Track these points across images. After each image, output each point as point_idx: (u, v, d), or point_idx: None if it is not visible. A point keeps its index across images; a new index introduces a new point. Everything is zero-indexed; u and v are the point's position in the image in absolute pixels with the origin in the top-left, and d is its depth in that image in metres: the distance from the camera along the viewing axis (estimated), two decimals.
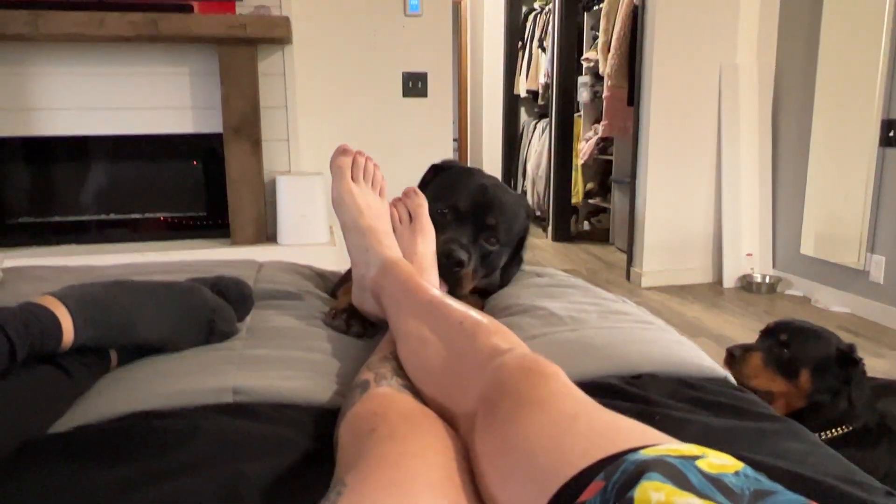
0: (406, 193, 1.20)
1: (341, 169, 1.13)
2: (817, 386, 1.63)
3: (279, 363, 0.93)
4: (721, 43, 3.67)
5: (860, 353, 1.65)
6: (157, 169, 3.20)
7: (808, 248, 3.49)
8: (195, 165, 3.21)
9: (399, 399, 0.74)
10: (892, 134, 2.96)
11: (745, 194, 3.72)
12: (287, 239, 3.04)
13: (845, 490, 0.64)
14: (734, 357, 1.70)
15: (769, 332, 1.73)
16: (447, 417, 0.71)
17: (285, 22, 2.90)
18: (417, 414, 0.70)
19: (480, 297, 1.29)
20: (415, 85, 3.40)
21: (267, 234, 3.13)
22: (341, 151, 1.15)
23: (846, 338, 2.83)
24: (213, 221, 3.20)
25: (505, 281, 1.34)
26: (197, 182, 3.22)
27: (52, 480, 0.64)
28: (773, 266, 3.76)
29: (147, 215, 3.20)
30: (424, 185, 1.29)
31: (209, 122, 3.08)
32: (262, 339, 1.01)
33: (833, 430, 1.63)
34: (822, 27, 3.29)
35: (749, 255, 3.75)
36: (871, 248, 3.11)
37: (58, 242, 3.07)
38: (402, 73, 3.41)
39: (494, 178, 1.29)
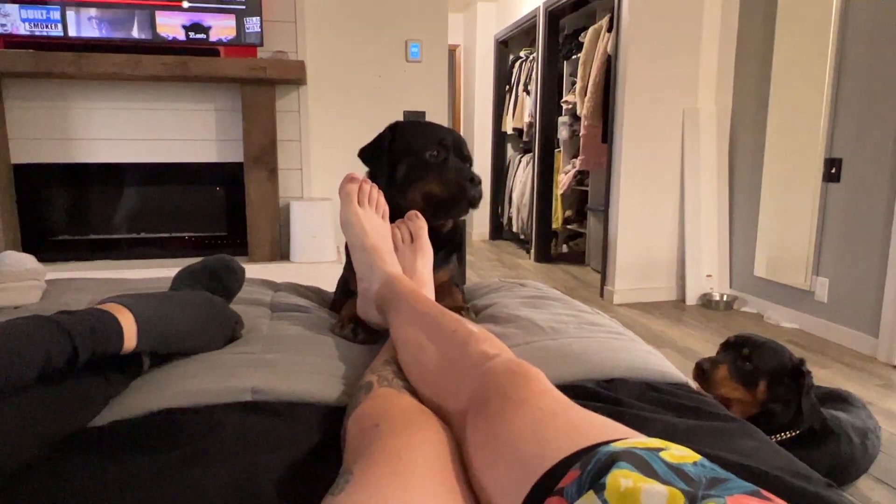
0: (409, 217, 1.21)
1: (349, 195, 1.14)
2: (772, 395, 1.64)
3: (293, 366, 0.93)
4: (684, 89, 3.73)
5: (808, 366, 1.67)
6: (184, 193, 3.21)
7: (760, 270, 3.52)
8: (218, 191, 3.22)
9: (399, 398, 0.75)
10: (833, 171, 3.00)
11: (705, 222, 3.75)
12: (299, 257, 3.05)
13: (791, 482, 0.65)
14: (703, 370, 1.71)
15: (731, 346, 1.74)
16: (442, 415, 0.72)
17: (301, 66, 2.94)
18: (416, 412, 0.70)
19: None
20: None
21: (281, 252, 3.13)
22: (349, 179, 1.16)
23: (794, 351, 2.84)
24: (233, 240, 3.20)
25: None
26: (219, 205, 3.23)
27: (92, 468, 0.65)
28: (730, 286, 3.78)
29: (174, 234, 3.20)
30: (387, 143, 1.27)
31: (231, 153, 3.10)
32: (278, 345, 1.02)
33: (783, 434, 1.64)
34: (772, 76, 3.34)
35: (709, 276, 3.77)
36: (816, 271, 3.13)
37: (93, 258, 3.07)
38: (404, 112, 3.44)
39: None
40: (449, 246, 1.29)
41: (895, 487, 1.69)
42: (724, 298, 3.64)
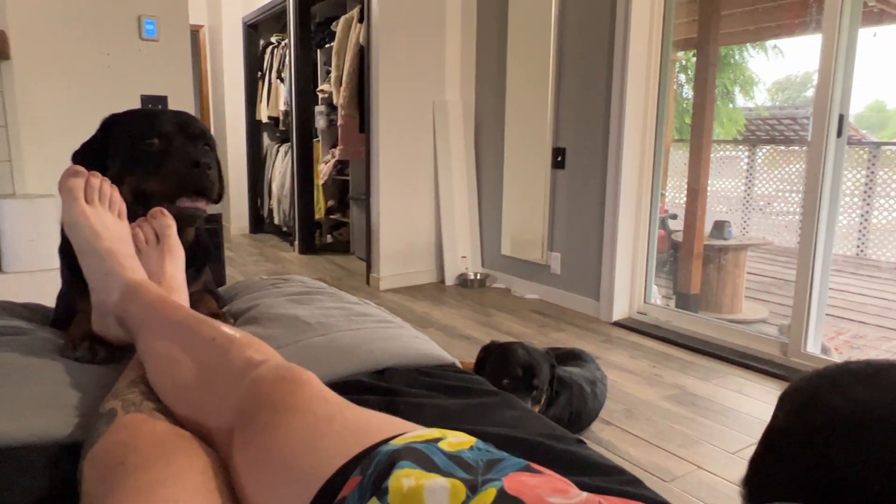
0: (153, 214, 1.05)
1: (72, 191, 0.96)
2: (547, 395, 1.82)
3: (8, 401, 0.76)
4: (433, 82, 3.92)
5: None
6: None
7: (506, 249, 3.89)
8: None
9: (150, 425, 0.65)
10: (559, 158, 3.42)
11: (458, 207, 4.02)
12: (13, 266, 2.54)
13: (549, 444, 0.71)
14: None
15: (520, 378, 1.77)
16: (204, 436, 0.64)
17: (1, 36, 2.43)
18: (171, 437, 0.61)
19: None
20: (154, 107, 3.07)
21: None
22: (72, 173, 0.97)
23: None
24: None
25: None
26: None
27: None
28: (482, 265, 4.11)
29: None
30: (101, 144, 1.10)
31: None
32: None
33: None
34: (507, 72, 3.69)
35: (464, 257, 4.05)
36: (551, 247, 3.56)
37: None
38: (141, 96, 3.06)
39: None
40: (196, 262, 1.15)
41: (618, 426, 1.99)
42: (478, 277, 3.94)
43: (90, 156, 1.08)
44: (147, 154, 1.05)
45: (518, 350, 1.81)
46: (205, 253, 1.19)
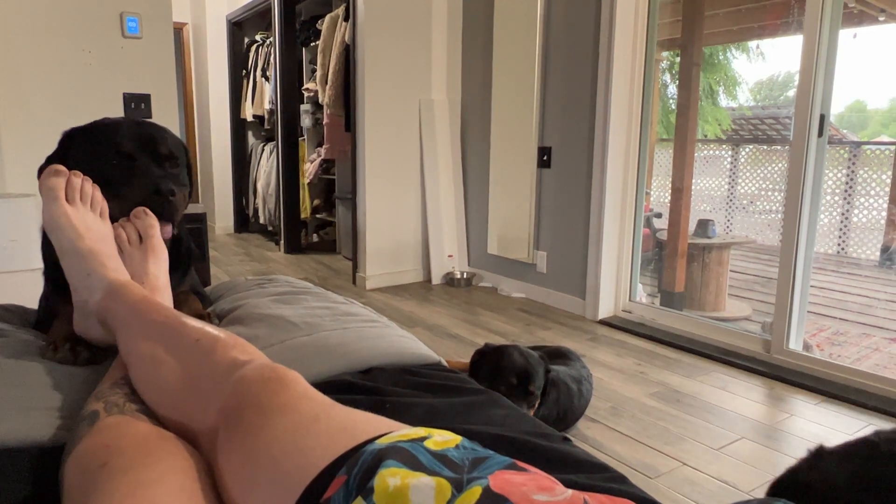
0: (135, 214, 1.04)
1: (53, 190, 0.95)
2: (541, 399, 1.81)
3: None
4: (419, 81, 3.92)
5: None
6: None
7: (493, 248, 3.89)
8: None
9: (133, 427, 0.64)
10: (545, 158, 3.43)
11: (444, 206, 4.02)
12: None
13: (535, 442, 0.71)
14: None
15: (516, 387, 1.74)
16: (188, 437, 0.63)
17: None
18: (154, 439, 0.61)
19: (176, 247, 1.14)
20: (137, 106, 3.04)
21: None
22: (52, 172, 0.96)
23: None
24: None
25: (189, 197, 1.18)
26: None
27: None
28: (469, 264, 4.12)
29: None
30: (62, 154, 1.06)
31: None
32: None
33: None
34: (493, 71, 3.69)
35: (450, 256, 4.05)
36: (537, 246, 3.57)
37: None
38: (124, 94, 3.03)
39: (131, 117, 1.14)
40: (180, 266, 1.14)
41: (603, 423, 2.00)
42: (465, 276, 3.94)
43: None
44: (107, 174, 1.01)
45: (514, 355, 1.78)
46: (188, 255, 1.18)
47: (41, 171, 1.05)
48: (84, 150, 1.04)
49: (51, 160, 1.06)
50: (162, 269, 1.02)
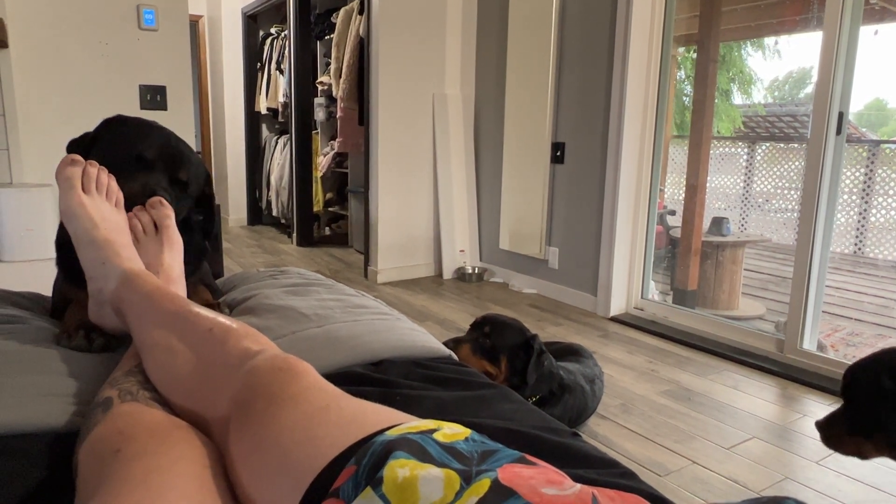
0: (151, 204, 1.05)
1: (70, 180, 0.96)
2: (512, 368, 1.79)
3: (5, 391, 0.76)
4: (433, 75, 3.91)
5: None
6: None
7: (504, 243, 3.88)
8: None
9: (146, 414, 0.65)
10: (558, 153, 3.42)
11: (457, 201, 4.01)
12: (11, 255, 2.54)
13: (545, 437, 0.71)
14: (450, 348, 1.81)
15: (476, 325, 1.87)
16: (201, 426, 0.64)
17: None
18: (167, 426, 0.61)
19: None
20: (153, 98, 3.06)
21: None
22: (69, 162, 0.97)
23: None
24: None
25: (200, 237, 1.21)
26: None
27: None
28: (480, 259, 4.11)
29: None
30: (94, 139, 1.10)
31: None
32: None
33: (529, 399, 1.82)
34: (507, 67, 3.67)
35: (462, 251, 4.05)
36: (549, 242, 3.56)
37: None
38: (140, 86, 3.05)
39: (172, 132, 1.15)
40: (193, 261, 1.15)
41: (614, 421, 2.00)
42: (476, 271, 3.94)
43: (77, 149, 1.07)
44: (121, 171, 1.04)
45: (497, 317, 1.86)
46: (200, 248, 1.19)
47: (70, 146, 1.07)
48: (113, 139, 1.07)
49: (81, 139, 1.09)
50: (177, 260, 1.03)
